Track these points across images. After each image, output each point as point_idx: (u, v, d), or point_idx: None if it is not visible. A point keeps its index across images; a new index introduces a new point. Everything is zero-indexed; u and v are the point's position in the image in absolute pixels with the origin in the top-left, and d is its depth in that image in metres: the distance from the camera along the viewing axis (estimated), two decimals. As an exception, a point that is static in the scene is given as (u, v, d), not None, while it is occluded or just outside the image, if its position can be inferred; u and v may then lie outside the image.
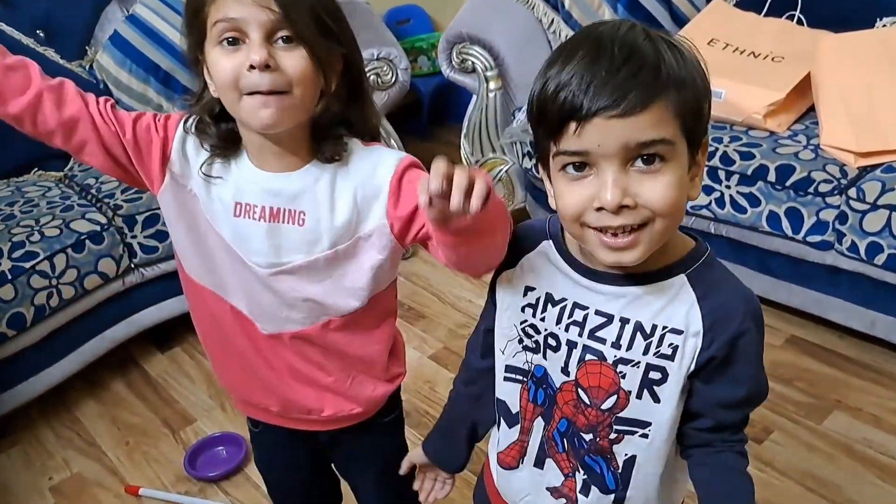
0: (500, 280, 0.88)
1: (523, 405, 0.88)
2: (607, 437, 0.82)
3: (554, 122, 0.69)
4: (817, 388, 1.85)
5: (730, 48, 2.14)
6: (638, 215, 0.69)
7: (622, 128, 0.66)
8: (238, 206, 0.97)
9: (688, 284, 0.77)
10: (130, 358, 2.23)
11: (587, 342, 0.80)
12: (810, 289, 1.91)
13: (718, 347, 0.76)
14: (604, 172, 0.69)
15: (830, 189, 1.77)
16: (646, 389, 0.79)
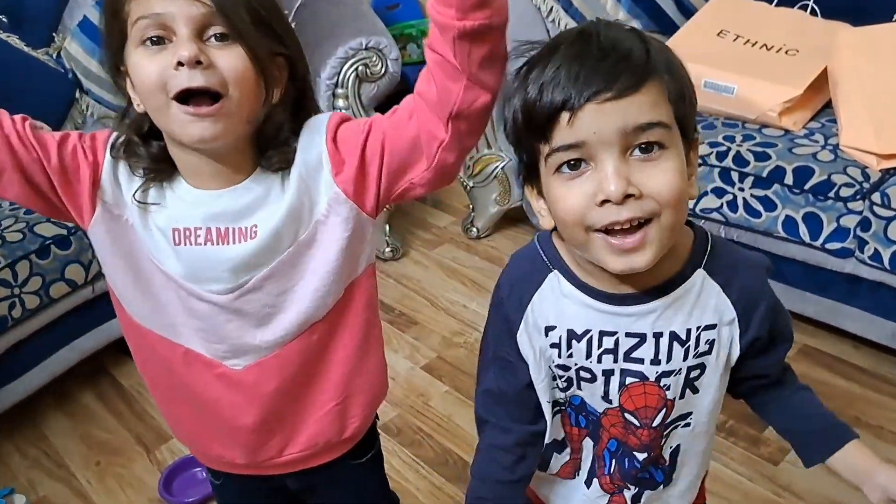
0: (520, 333, 0.81)
1: (567, 430, 0.86)
2: (659, 445, 0.82)
3: (543, 119, 0.66)
4: (834, 403, 1.73)
5: (740, 40, 2.01)
6: (644, 206, 0.66)
7: (617, 111, 0.64)
8: (176, 232, 0.85)
9: (708, 277, 0.76)
10: (102, 368, 2.09)
11: (624, 366, 0.78)
12: (827, 297, 1.80)
13: (759, 327, 0.77)
14: (603, 163, 0.65)
15: (852, 193, 1.66)
16: (687, 388, 0.79)
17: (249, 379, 0.92)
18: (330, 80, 2.15)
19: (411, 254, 2.48)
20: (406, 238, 2.52)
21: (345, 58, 2.14)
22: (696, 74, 1.99)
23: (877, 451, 1.60)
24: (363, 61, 2.16)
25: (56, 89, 2.25)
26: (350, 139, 0.84)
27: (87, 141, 0.86)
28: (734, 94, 1.87)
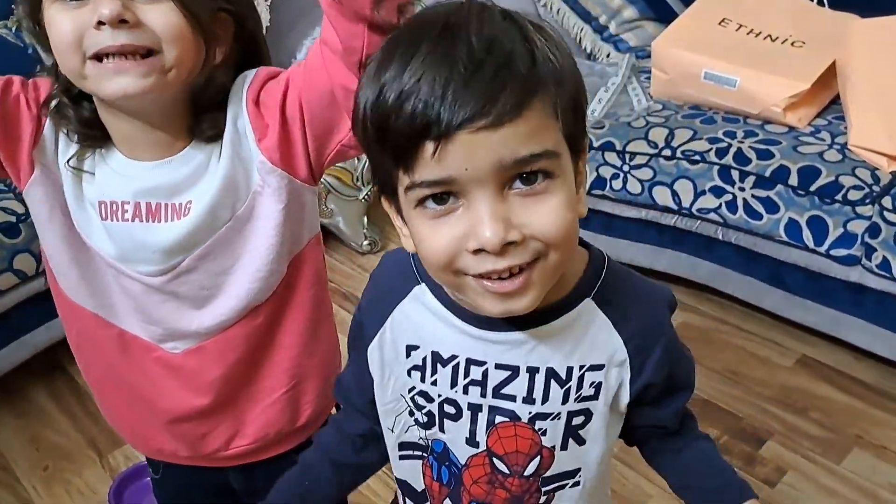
0: (370, 349, 0.70)
1: (428, 483, 0.73)
2: (536, 503, 0.70)
3: (401, 144, 0.53)
4: (834, 419, 1.64)
5: (744, 30, 1.90)
6: (527, 251, 0.55)
7: (495, 141, 0.51)
8: (103, 205, 0.78)
9: (597, 309, 0.64)
10: (57, 365, 1.95)
11: (493, 402, 0.66)
12: (829, 307, 1.69)
13: (653, 373, 0.66)
14: (476, 203, 0.53)
15: (861, 197, 1.54)
16: (570, 438, 0.67)
17: (190, 365, 0.85)
18: (306, 61, 2.03)
19: (390, 247, 2.35)
20: (385, 231, 2.40)
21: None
22: (697, 65, 1.89)
23: (879, 473, 1.53)
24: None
25: (14, 65, 2.09)
26: (270, 100, 0.76)
27: (31, 91, 0.78)
28: (736, 86, 1.76)
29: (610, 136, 1.82)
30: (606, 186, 1.84)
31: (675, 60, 1.84)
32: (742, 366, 1.80)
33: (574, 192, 0.57)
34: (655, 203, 1.80)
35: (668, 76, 1.87)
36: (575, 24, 2.15)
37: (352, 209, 2.28)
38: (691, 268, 1.89)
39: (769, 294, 1.78)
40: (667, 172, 1.76)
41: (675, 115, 1.84)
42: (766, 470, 1.54)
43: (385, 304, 0.69)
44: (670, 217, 1.82)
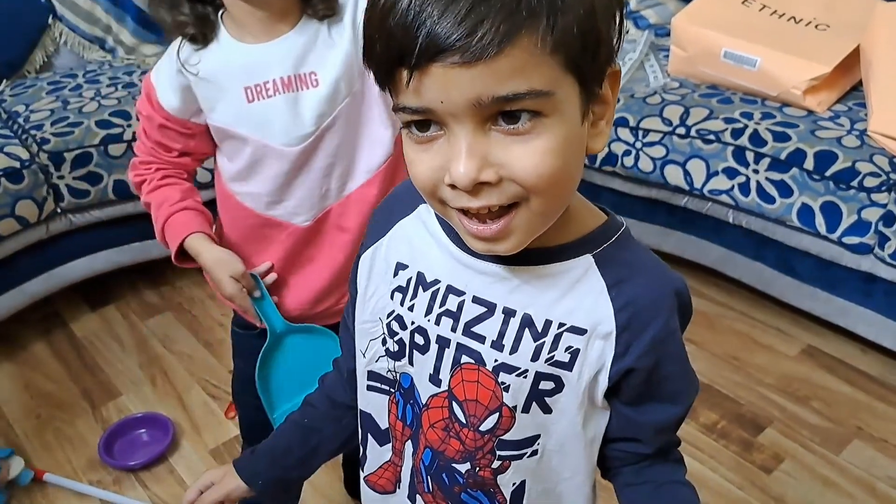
0: (363, 258, 0.69)
1: (392, 422, 0.70)
2: (489, 467, 0.64)
3: (383, 65, 0.50)
4: (836, 410, 1.61)
5: (767, 10, 1.85)
6: (504, 193, 0.51)
7: (470, 78, 0.47)
8: (248, 90, 0.93)
9: (595, 267, 0.59)
10: (55, 313, 1.96)
11: (463, 339, 0.62)
12: (838, 296, 1.66)
13: (640, 355, 0.59)
14: (455, 136, 0.50)
15: (877, 184, 1.51)
16: (535, 401, 0.61)
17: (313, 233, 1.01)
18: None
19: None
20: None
21: None
22: (717, 43, 1.85)
23: (877, 466, 1.50)
24: None
25: (27, 14, 2.09)
26: None
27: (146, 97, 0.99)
28: (756, 66, 1.72)
29: (624, 112, 1.79)
30: (618, 163, 1.81)
31: (694, 38, 1.80)
32: (745, 352, 1.77)
33: (573, 133, 0.51)
34: (667, 182, 1.76)
35: (687, 54, 1.83)
36: None
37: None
38: (699, 251, 1.86)
39: (777, 281, 1.75)
40: (680, 151, 1.72)
41: (691, 94, 1.80)
42: (764, 457, 1.51)
43: (389, 218, 0.67)
44: (681, 197, 1.79)
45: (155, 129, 0.99)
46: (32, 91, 1.96)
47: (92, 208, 1.79)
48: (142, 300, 2.02)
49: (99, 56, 2.17)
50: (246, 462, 0.79)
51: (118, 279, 2.01)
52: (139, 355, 1.83)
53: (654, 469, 0.67)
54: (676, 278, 0.62)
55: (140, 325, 1.93)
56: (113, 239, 1.87)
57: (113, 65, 2.12)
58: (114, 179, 1.77)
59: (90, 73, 2.04)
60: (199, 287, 2.05)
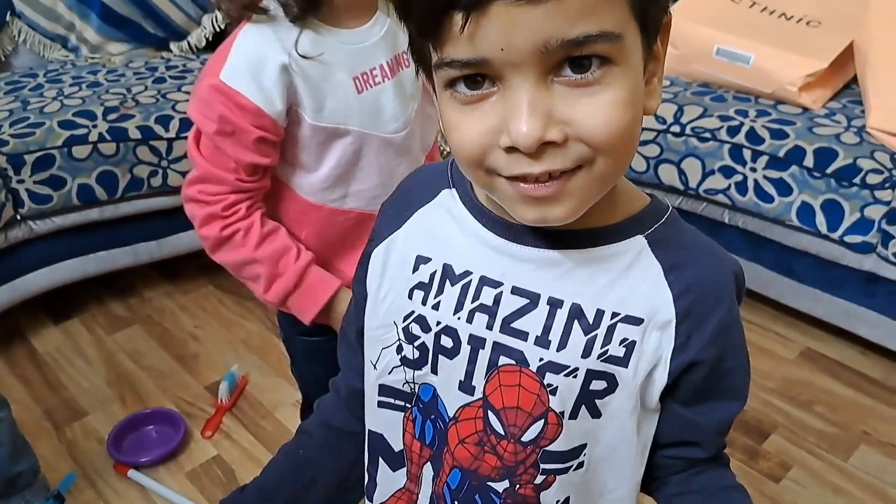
0: (374, 255, 0.61)
1: (408, 442, 0.62)
2: (531, 483, 0.57)
3: (426, 13, 0.44)
4: (841, 415, 1.57)
5: (758, 6, 1.82)
6: (569, 155, 0.45)
7: (537, 18, 0.42)
8: (356, 80, 0.86)
9: (648, 249, 0.54)
10: (15, 328, 1.83)
11: (500, 338, 0.55)
12: (839, 297, 1.62)
13: (703, 347, 0.54)
14: (513, 90, 0.44)
15: (880, 181, 1.47)
16: (584, 405, 0.55)
17: None
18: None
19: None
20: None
21: None
22: (709, 40, 1.79)
23: (888, 472, 1.45)
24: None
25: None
26: None
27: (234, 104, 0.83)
28: (750, 63, 1.67)
29: (616, 110, 1.73)
30: (609, 163, 1.75)
31: (686, 34, 1.76)
32: (743, 357, 1.72)
33: (639, 83, 0.47)
34: (661, 182, 1.71)
35: (679, 51, 1.78)
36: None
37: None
38: (693, 253, 1.81)
39: (775, 282, 1.70)
40: (674, 150, 1.67)
41: (683, 92, 1.75)
42: (770, 464, 1.46)
43: (406, 207, 0.60)
44: (675, 198, 1.74)
45: (248, 146, 0.84)
46: (-8, 89, 1.85)
47: (54, 214, 1.68)
48: (108, 313, 1.90)
49: (61, 55, 2.05)
50: (233, 501, 0.68)
51: (82, 291, 1.89)
52: (106, 372, 1.72)
53: (706, 475, 0.60)
54: (733, 260, 0.57)
55: (107, 339, 1.82)
56: (77, 248, 1.76)
57: (76, 64, 2.01)
58: (78, 184, 1.66)
59: (51, 72, 1.93)
60: (169, 298, 1.94)
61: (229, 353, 1.76)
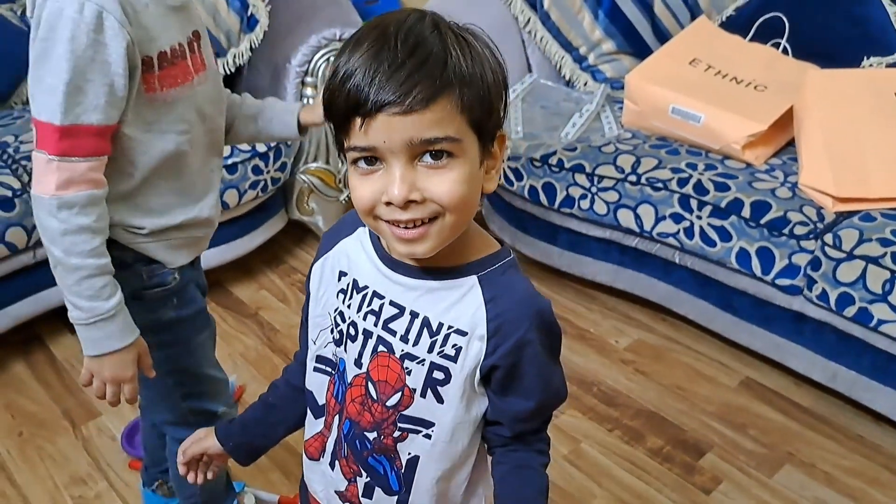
0: (315, 267, 0.88)
1: (328, 399, 0.88)
2: (391, 435, 0.82)
3: (341, 116, 0.69)
4: (770, 437, 1.76)
5: (711, 70, 2.03)
6: (426, 210, 0.70)
7: (406, 125, 0.66)
8: None
9: (478, 286, 0.78)
10: (36, 337, 2.02)
11: (381, 333, 0.81)
12: (773, 333, 1.82)
13: (502, 356, 0.77)
14: (392, 168, 0.69)
15: (806, 232, 1.68)
16: (430, 389, 0.79)
17: None
18: (300, 67, 2.12)
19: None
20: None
21: (317, 46, 2.12)
22: (665, 100, 2.02)
23: (806, 488, 1.64)
24: (335, 51, 2.13)
25: (16, 47, 2.17)
26: None
27: None
28: (700, 122, 1.89)
29: (581, 159, 1.94)
30: (575, 205, 1.96)
31: (645, 94, 1.97)
32: (690, 383, 1.91)
33: (475, 171, 0.71)
34: (619, 224, 1.92)
35: (639, 108, 1.99)
36: (556, 53, 2.27)
37: (331, 209, 2.37)
38: (649, 288, 2.01)
39: (719, 317, 1.90)
40: (631, 196, 1.88)
41: (642, 145, 1.96)
42: (704, 479, 1.65)
43: (335, 237, 0.87)
44: (632, 239, 1.94)
45: None
46: (20, 123, 2.05)
47: (78, 236, 1.88)
48: (120, 325, 2.10)
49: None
50: (224, 427, 1.00)
51: (97, 304, 2.09)
52: (118, 378, 1.91)
53: (517, 454, 0.84)
54: (542, 302, 0.79)
55: (119, 348, 2.01)
56: (96, 266, 1.95)
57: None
58: (101, 209, 1.86)
59: (78, 106, 2.13)
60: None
61: (228, 364, 1.94)
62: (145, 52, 0.98)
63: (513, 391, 0.80)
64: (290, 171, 2.24)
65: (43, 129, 0.95)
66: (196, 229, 1.15)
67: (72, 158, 0.96)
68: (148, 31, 0.97)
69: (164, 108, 1.03)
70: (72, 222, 0.97)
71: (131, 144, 1.02)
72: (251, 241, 2.24)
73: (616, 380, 1.92)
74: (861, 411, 1.79)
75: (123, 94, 0.97)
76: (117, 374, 1.05)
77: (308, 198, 2.33)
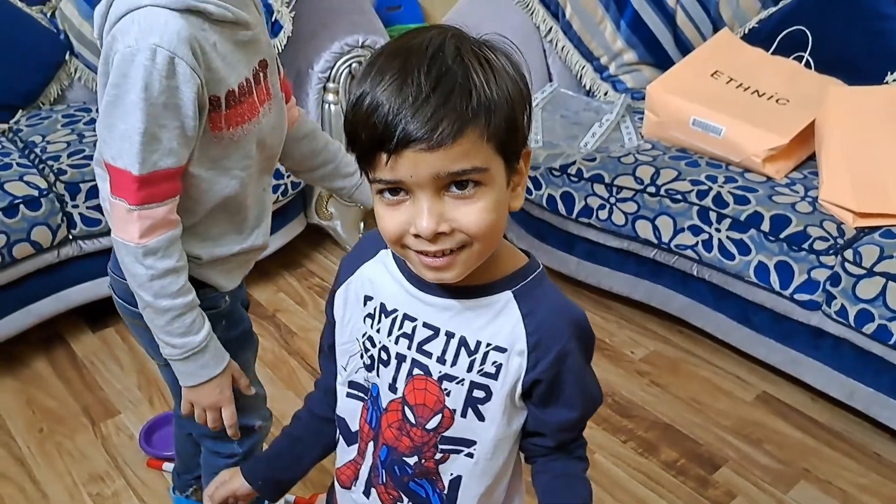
0: (338, 293, 0.87)
1: (361, 425, 0.87)
2: (433, 458, 0.81)
3: (365, 149, 0.68)
4: (786, 452, 1.75)
5: (733, 83, 2.03)
6: (454, 240, 0.70)
7: (432, 160, 0.65)
8: None
9: (513, 301, 0.77)
10: (57, 334, 2.05)
11: (415, 356, 0.80)
12: (790, 347, 1.81)
13: (544, 369, 0.77)
14: (419, 200, 0.68)
15: (826, 248, 1.67)
16: (470, 408, 0.79)
17: None
18: (322, 73, 2.14)
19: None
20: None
21: (339, 53, 2.13)
22: (686, 111, 2.02)
23: (819, 504, 1.64)
24: (358, 58, 2.15)
25: (46, 48, 2.22)
26: None
27: None
28: (721, 135, 1.88)
29: (600, 169, 1.95)
30: (593, 215, 1.96)
31: (666, 105, 1.97)
32: (706, 396, 1.91)
33: (502, 196, 0.71)
34: (637, 235, 1.92)
35: (660, 119, 1.99)
36: (577, 62, 2.27)
37: (350, 214, 2.39)
38: (666, 300, 2.01)
39: (736, 330, 1.90)
40: (650, 208, 1.88)
41: (662, 156, 1.96)
42: (717, 493, 1.64)
43: (356, 262, 0.86)
44: (650, 250, 1.94)
45: None
46: (48, 123, 2.08)
47: (101, 236, 1.91)
48: (140, 324, 2.12)
49: (112, 93, 2.29)
50: (249, 466, 0.98)
51: (118, 304, 2.11)
52: (137, 376, 1.94)
53: (558, 462, 0.84)
54: (577, 311, 0.80)
55: (138, 347, 2.02)
56: (118, 265, 1.98)
57: (126, 102, 2.24)
58: (124, 210, 1.89)
59: (103, 108, 2.17)
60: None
61: (246, 366, 1.97)
62: (213, 93, 0.97)
63: (555, 402, 0.80)
64: (310, 175, 2.26)
65: (120, 176, 0.95)
66: (250, 254, 1.16)
67: (151, 206, 0.96)
68: (216, 72, 0.96)
69: (230, 147, 1.02)
70: (158, 267, 0.98)
71: (195, 182, 1.01)
72: (270, 244, 2.26)
73: (631, 391, 1.92)
74: (878, 429, 1.78)
75: (193, 135, 0.96)
76: (215, 400, 1.08)
77: (327, 202, 2.35)
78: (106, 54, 0.93)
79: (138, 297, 1.01)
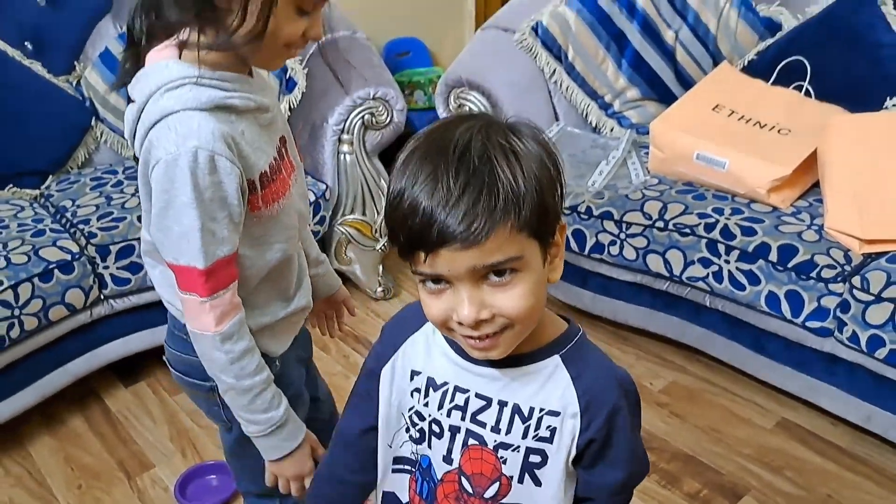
0: (384, 369, 0.88)
1: (411, 496, 0.88)
2: None
3: (404, 248, 0.72)
4: (807, 479, 1.77)
5: (735, 115, 2.08)
6: (496, 324, 0.73)
7: (468, 256, 0.69)
8: None
9: (562, 365, 0.80)
10: (91, 390, 2.12)
11: (469, 426, 0.82)
12: (806, 374, 1.83)
13: (597, 428, 0.79)
14: (459, 291, 0.72)
15: (834, 275, 1.70)
16: (527, 473, 0.80)
17: None
18: (337, 125, 2.22)
19: (402, 294, 2.52)
20: (398, 279, 2.57)
21: (352, 106, 2.21)
22: (690, 147, 2.07)
23: (846, 531, 1.65)
24: (370, 110, 2.23)
25: (73, 115, 2.32)
26: None
27: None
28: (725, 168, 1.93)
29: (609, 206, 2.00)
30: (604, 251, 2.01)
31: (670, 141, 2.02)
32: (725, 425, 1.93)
33: (540, 277, 0.74)
34: (649, 269, 1.96)
35: (664, 155, 2.04)
36: (582, 101, 2.34)
37: (368, 258, 2.45)
38: (681, 331, 2.04)
39: (752, 359, 1.92)
40: (659, 242, 1.92)
41: (669, 190, 2.01)
42: (740, 522, 1.67)
43: (399, 336, 0.88)
44: (662, 282, 1.98)
45: None
46: (77, 187, 2.18)
47: (131, 294, 1.98)
48: (170, 377, 2.17)
49: (136, 154, 2.39)
50: None
51: (148, 357, 2.17)
52: (169, 428, 2.00)
53: None
54: (620, 371, 0.83)
55: (169, 400, 2.10)
56: (147, 321, 2.05)
57: (149, 163, 2.34)
58: (151, 269, 1.96)
59: (129, 169, 2.26)
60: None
61: (274, 414, 2.02)
62: (249, 177, 1.02)
63: (602, 461, 0.82)
64: (328, 223, 2.33)
65: (186, 273, 0.99)
66: (294, 316, 1.19)
67: (219, 294, 1.00)
68: (248, 159, 1.00)
69: (270, 223, 1.06)
70: (235, 350, 1.03)
71: (242, 261, 1.05)
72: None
73: (651, 423, 1.95)
74: (899, 451, 1.79)
75: (240, 220, 1.01)
76: (298, 470, 1.13)
77: (346, 248, 2.42)
78: (145, 159, 0.98)
79: (219, 382, 1.06)
